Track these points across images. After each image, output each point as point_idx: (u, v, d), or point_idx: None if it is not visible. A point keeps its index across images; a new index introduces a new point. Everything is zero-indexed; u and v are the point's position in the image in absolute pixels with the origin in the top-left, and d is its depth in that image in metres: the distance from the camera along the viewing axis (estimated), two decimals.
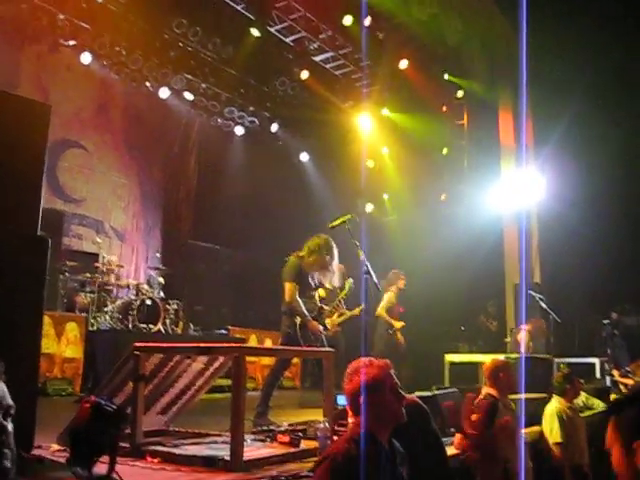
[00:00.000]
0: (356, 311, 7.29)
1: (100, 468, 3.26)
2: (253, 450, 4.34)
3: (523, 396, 5.22)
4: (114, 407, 3.38)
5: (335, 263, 6.56)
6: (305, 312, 6.32)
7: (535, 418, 6.14)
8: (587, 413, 7.66)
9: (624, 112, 11.47)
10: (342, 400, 4.85)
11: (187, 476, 3.69)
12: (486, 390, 5.08)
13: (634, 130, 11.18)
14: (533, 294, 10.37)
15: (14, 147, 4.38)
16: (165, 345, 5.13)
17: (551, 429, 5.94)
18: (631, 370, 10.49)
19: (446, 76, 13.64)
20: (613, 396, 9.33)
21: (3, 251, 4.13)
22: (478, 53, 12.78)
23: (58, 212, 11.13)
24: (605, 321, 11.72)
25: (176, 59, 12.29)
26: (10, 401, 2.93)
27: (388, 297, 9.42)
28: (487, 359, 9.84)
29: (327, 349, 5.29)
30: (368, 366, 2.92)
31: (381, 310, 9.39)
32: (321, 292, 7.00)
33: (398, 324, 9.38)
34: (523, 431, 4.94)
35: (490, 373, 5.15)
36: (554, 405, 6.14)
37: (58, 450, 4.27)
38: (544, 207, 12.28)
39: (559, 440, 5.83)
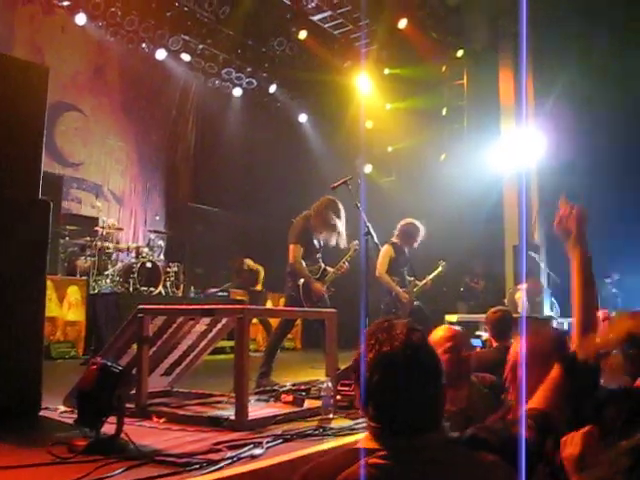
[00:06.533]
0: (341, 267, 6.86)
1: (107, 429, 3.30)
2: (257, 410, 4.38)
3: (524, 354, 5.24)
4: (120, 368, 3.40)
5: (342, 224, 6.55)
6: (308, 273, 6.33)
7: None
8: None
9: (625, 68, 11.35)
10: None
11: (193, 435, 3.73)
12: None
13: (635, 87, 11.08)
14: (532, 254, 10.39)
15: (13, 111, 4.35)
16: (169, 307, 5.16)
17: None
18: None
19: None
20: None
21: (5, 215, 4.12)
22: (479, 11, 12.60)
23: (57, 176, 11.10)
24: (607, 280, 11.77)
25: (172, 19, 12.15)
26: None
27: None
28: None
29: (330, 310, 5.31)
30: None
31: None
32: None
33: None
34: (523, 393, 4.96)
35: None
36: None
37: (65, 411, 4.33)
38: (544, 166, 12.23)
39: None
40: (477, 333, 5.37)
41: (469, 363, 3.76)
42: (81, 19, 11.23)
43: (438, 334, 3.74)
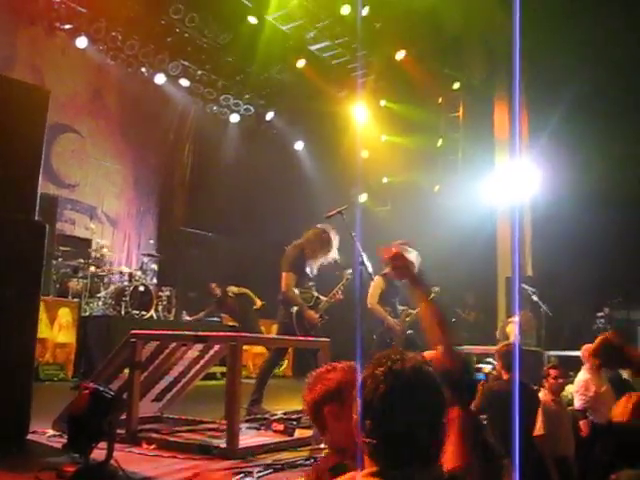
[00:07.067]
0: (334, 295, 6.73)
1: (97, 454, 3.27)
2: (248, 438, 4.37)
3: (517, 386, 5.21)
4: (112, 394, 3.39)
5: (335, 253, 6.57)
6: (301, 301, 6.33)
7: None
8: (571, 407, 7.69)
9: (620, 105, 11.49)
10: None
11: (183, 463, 3.71)
12: None
13: (630, 123, 11.20)
14: (525, 287, 10.40)
15: (12, 132, 4.38)
16: (162, 332, 5.15)
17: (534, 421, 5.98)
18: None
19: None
20: None
21: (1, 236, 4.13)
22: (476, 45, 12.77)
23: (51, 197, 11.08)
24: (599, 314, 11.80)
25: (172, 45, 12.25)
26: None
27: None
28: (477, 350, 9.90)
29: (323, 339, 5.31)
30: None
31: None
32: None
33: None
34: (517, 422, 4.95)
35: None
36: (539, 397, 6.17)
37: (53, 435, 4.30)
38: (537, 200, 12.31)
39: (540, 432, 5.86)
40: (479, 366, 5.35)
41: None
42: (82, 42, 11.30)
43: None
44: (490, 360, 6.14)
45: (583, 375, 6.59)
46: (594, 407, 6.15)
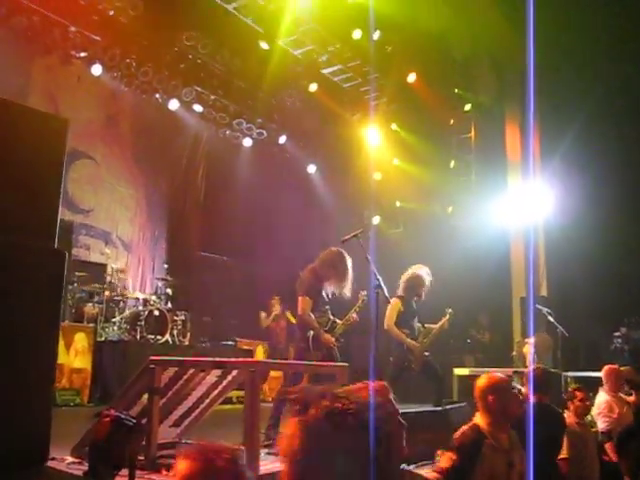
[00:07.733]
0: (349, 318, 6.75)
1: None
2: (267, 464, 4.35)
3: (531, 409, 5.18)
4: (133, 421, 3.39)
5: (349, 276, 6.57)
6: (317, 325, 6.33)
7: None
8: (594, 429, 7.60)
9: (632, 126, 11.49)
10: None
11: None
12: (476, 419, 3.89)
13: None
14: (540, 308, 10.36)
15: (32, 161, 4.44)
16: (181, 358, 5.16)
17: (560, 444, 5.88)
18: None
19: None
20: None
21: (22, 264, 4.16)
22: (486, 67, 12.84)
23: (67, 222, 11.11)
24: (616, 333, 11.71)
25: (186, 71, 12.36)
26: None
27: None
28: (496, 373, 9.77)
29: (341, 364, 5.30)
30: None
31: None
32: None
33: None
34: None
35: (479, 395, 3.88)
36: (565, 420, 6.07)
37: (73, 462, 4.29)
38: (551, 220, 12.29)
39: (564, 455, 5.78)
40: None
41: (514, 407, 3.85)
42: (97, 70, 11.41)
43: (485, 378, 3.90)
44: (512, 384, 6.09)
45: (604, 396, 6.50)
46: (618, 429, 6.04)
